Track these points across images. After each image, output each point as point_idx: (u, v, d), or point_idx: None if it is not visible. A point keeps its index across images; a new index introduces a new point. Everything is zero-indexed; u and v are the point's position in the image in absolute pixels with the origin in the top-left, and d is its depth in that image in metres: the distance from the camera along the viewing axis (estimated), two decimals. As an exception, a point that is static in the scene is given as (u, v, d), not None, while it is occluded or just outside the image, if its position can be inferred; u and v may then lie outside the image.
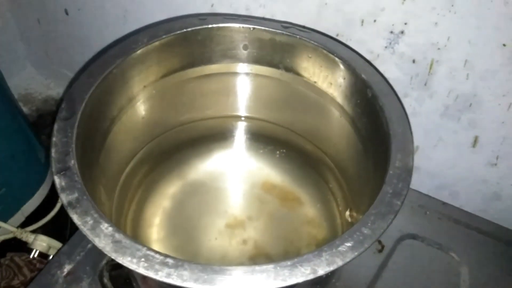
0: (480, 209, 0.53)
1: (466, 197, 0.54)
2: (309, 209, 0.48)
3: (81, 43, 0.72)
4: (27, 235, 0.56)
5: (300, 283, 0.27)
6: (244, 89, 0.51)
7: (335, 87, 0.44)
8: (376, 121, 0.38)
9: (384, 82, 0.40)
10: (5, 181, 0.55)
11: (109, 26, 0.65)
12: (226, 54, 0.47)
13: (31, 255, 0.56)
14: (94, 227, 0.29)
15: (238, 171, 0.52)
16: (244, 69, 0.49)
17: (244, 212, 0.47)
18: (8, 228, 0.56)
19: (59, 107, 0.36)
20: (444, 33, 0.42)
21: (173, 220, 0.47)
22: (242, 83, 0.50)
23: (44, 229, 0.60)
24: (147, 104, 0.46)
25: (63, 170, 0.31)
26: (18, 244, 0.56)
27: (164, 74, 0.46)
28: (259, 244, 0.45)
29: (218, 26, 0.44)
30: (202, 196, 0.49)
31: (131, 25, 0.62)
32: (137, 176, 0.48)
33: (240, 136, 0.54)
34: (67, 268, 0.42)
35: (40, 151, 0.61)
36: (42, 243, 0.56)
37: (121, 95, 0.43)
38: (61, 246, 0.44)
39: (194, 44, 0.45)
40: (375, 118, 0.39)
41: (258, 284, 0.27)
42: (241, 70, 0.49)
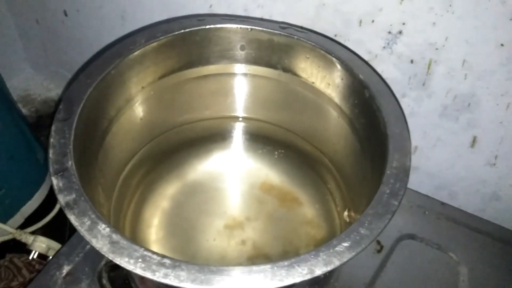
0: (479, 209, 0.53)
1: (465, 197, 0.54)
2: (308, 210, 0.48)
3: (80, 44, 0.72)
4: (26, 236, 0.56)
5: (298, 283, 0.27)
6: (242, 90, 0.51)
7: (333, 88, 0.44)
8: (374, 121, 0.38)
9: (382, 83, 0.40)
10: (4, 182, 0.55)
11: (108, 27, 0.65)
12: (224, 55, 0.47)
13: (30, 256, 0.56)
14: (92, 228, 0.29)
15: (237, 172, 0.51)
16: (242, 70, 0.49)
17: (243, 213, 0.47)
18: (7, 229, 0.56)
19: (57, 108, 0.36)
20: (442, 33, 0.42)
21: (172, 221, 0.47)
22: (240, 84, 0.50)
23: (43, 230, 0.60)
24: (145, 105, 0.46)
25: (61, 171, 0.32)
26: (17, 245, 0.56)
27: (162, 75, 0.46)
28: (258, 245, 0.45)
29: (216, 27, 0.44)
30: (201, 197, 0.49)
31: (130, 26, 0.62)
32: (136, 177, 0.48)
33: (239, 137, 0.54)
34: (66, 269, 0.42)
35: (40, 152, 0.61)
36: (41, 244, 0.56)
37: (119, 96, 0.43)
38: (60, 247, 0.44)
39: (192, 45, 0.45)
40: (373, 118, 0.39)
41: (255, 284, 0.27)
42: (239, 71, 0.49)
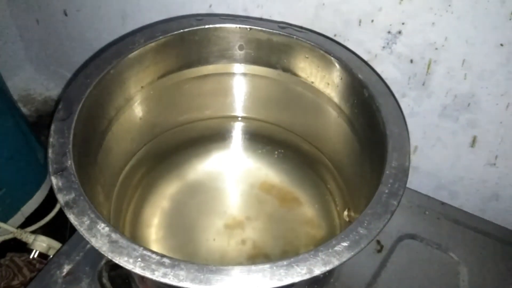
0: (479, 209, 0.53)
1: (465, 197, 0.54)
2: (308, 209, 0.48)
3: (80, 44, 0.72)
4: (27, 236, 0.56)
5: (297, 283, 0.27)
6: (242, 90, 0.51)
7: (332, 87, 0.44)
8: (373, 121, 0.38)
9: (381, 82, 0.40)
10: (5, 182, 0.55)
11: (108, 27, 0.65)
12: (224, 55, 0.47)
13: (31, 256, 0.56)
14: (91, 227, 0.29)
15: (237, 172, 0.52)
16: (242, 70, 0.49)
17: (243, 212, 0.47)
18: (8, 229, 0.56)
19: (56, 108, 0.36)
20: (442, 33, 0.42)
21: (172, 221, 0.47)
22: (240, 84, 0.50)
23: (44, 230, 0.60)
24: (145, 105, 0.46)
25: (60, 171, 0.32)
26: (18, 245, 0.57)
27: (161, 75, 0.46)
28: (258, 244, 0.45)
29: (215, 27, 0.44)
30: (201, 197, 0.49)
31: (130, 26, 0.62)
32: (136, 177, 0.49)
33: (238, 137, 0.54)
34: (67, 268, 0.42)
35: (40, 152, 0.61)
36: (42, 244, 0.56)
37: (119, 96, 0.43)
38: (61, 247, 0.44)
39: (191, 45, 0.45)
40: (372, 118, 0.39)
41: (255, 284, 0.27)
42: (239, 71, 0.49)
